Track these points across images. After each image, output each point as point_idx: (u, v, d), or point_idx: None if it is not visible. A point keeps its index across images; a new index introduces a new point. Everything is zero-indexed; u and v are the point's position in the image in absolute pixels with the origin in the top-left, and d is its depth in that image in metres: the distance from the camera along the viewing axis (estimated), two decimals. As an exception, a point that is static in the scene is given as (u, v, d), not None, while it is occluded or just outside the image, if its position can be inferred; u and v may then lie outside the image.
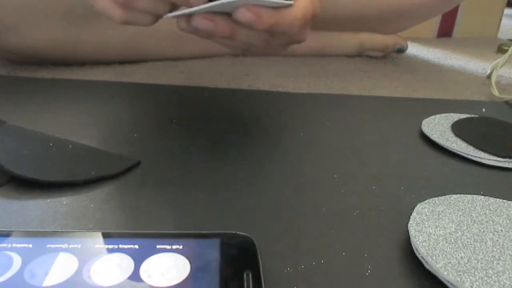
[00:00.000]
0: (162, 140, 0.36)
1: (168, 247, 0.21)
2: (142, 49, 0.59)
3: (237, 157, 0.34)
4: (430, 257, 0.22)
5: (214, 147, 0.36)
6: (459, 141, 0.38)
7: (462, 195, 0.28)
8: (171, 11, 0.32)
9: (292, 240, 0.25)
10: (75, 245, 0.21)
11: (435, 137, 0.38)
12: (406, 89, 0.55)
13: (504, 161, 0.35)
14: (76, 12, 0.53)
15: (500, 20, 0.97)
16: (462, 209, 0.27)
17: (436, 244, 0.23)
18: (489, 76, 0.61)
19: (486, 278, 0.21)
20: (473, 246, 0.23)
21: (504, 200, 0.28)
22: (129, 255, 0.21)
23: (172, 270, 0.20)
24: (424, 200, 0.27)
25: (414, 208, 0.27)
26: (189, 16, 0.30)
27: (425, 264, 0.22)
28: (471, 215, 0.26)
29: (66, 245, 0.21)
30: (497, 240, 0.24)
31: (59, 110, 0.42)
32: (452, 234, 0.24)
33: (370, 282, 0.22)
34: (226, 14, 0.29)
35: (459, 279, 0.21)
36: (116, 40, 0.56)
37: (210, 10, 0.29)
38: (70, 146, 0.33)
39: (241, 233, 0.23)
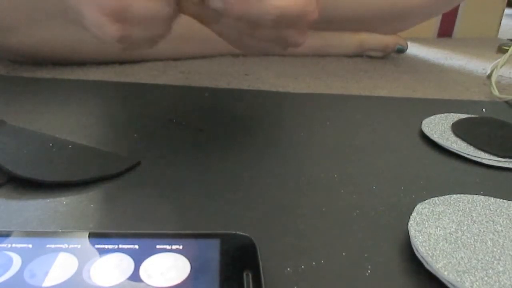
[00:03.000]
0: (162, 140, 0.36)
1: (168, 247, 0.21)
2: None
3: (237, 157, 0.34)
4: (430, 257, 0.22)
5: (214, 147, 0.36)
6: (459, 141, 0.38)
7: (462, 195, 0.28)
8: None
9: (292, 240, 0.25)
10: (75, 245, 0.21)
11: (435, 137, 0.38)
12: (406, 89, 0.55)
13: (504, 161, 0.35)
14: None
15: (500, 20, 0.97)
16: (462, 209, 0.27)
17: (436, 244, 0.23)
18: (489, 76, 0.61)
19: (486, 278, 0.21)
20: (473, 246, 0.23)
21: (504, 200, 0.28)
22: (129, 255, 0.21)
23: (172, 270, 0.20)
24: (424, 200, 0.27)
25: (414, 208, 0.27)
26: None
27: (425, 264, 0.22)
28: (471, 215, 0.26)
29: (66, 245, 0.21)
30: (497, 240, 0.24)
31: (59, 110, 0.42)
32: (452, 234, 0.24)
33: (370, 282, 0.22)
34: None
35: (459, 279, 0.21)
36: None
37: None
38: (70, 146, 0.33)
39: (241, 233, 0.23)
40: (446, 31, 0.94)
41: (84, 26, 0.30)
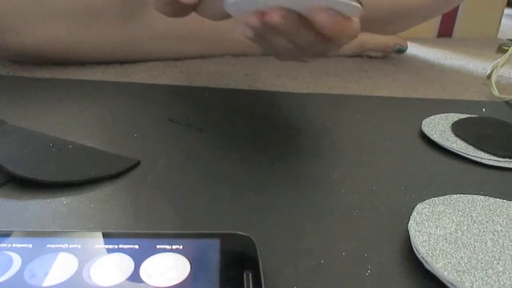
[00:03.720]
0: (162, 140, 0.36)
1: (168, 247, 0.21)
2: (142, 49, 0.59)
3: (237, 157, 0.34)
4: (430, 257, 0.22)
5: (213, 147, 0.36)
6: (459, 141, 0.38)
7: (462, 195, 0.28)
8: None
9: (292, 240, 0.25)
10: (75, 245, 0.21)
11: (435, 137, 0.38)
12: (406, 89, 0.55)
13: (504, 161, 0.35)
14: (76, 12, 0.53)
15: (500, 20, 0.97)
16: (462, 209, 0.27)
17: (436, 244, 0.23)
18: (489, 76, 0.61)
19: (486, 278, 0.21)
20: (473, 246, 0.23)
21: (504, 200, 0.28)
22: (129, 255, 0.21)
23: (172, 270, 0.20)
24: (424, 200, 0.27)
25: (414, 208, 0.27)
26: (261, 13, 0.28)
27: (425, 264, 0.22)
28: (471, 215, 0.26)
29: (66, 245, 0.21)
30: (497, 240, 0.24)
31: (59, 110, 0.42)
32: (452, 234, 0.24)
33: (370, 282, 0.22)
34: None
35: (459, 279, 0.21)
36: (116, 40, 0.56)
37: (278, 3, 0.27)
38: (70, 146, 0.33)
39: (241, 233, 0.23)
40: (446, 31, 0.94)
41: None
